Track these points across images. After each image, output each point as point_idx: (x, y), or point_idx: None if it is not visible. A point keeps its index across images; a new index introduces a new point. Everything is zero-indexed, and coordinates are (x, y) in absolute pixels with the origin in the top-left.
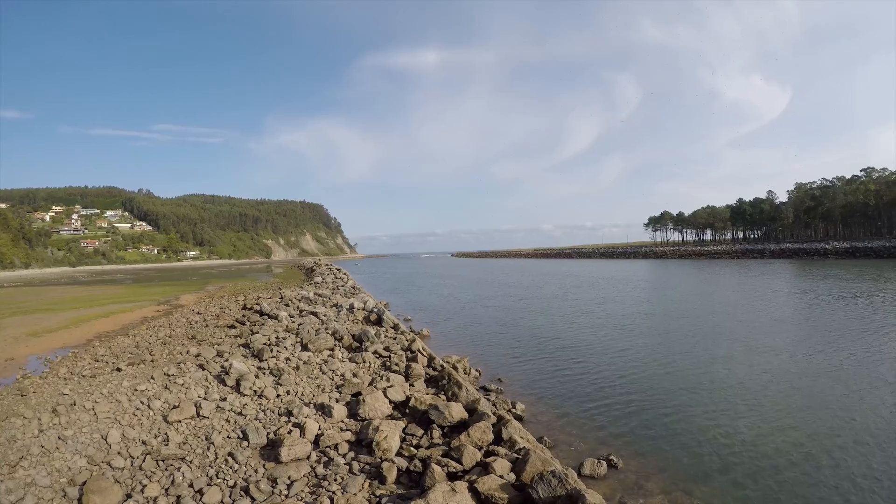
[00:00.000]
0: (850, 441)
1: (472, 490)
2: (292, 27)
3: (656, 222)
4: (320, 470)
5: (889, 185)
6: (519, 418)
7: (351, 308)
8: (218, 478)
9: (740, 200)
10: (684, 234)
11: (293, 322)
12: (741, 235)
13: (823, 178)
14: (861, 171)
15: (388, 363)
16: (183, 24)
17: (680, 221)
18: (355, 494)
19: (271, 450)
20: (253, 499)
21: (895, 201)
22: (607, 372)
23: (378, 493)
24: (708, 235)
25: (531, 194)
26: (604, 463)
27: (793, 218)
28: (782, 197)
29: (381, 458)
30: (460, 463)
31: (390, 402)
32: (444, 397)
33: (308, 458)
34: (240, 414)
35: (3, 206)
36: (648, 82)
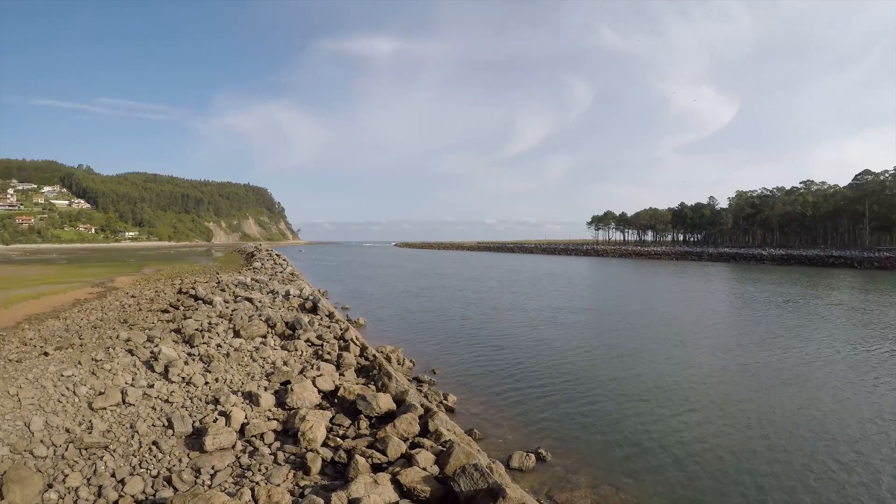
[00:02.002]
0: (775, 438)
1: (395, 482)
2: (246, 5)
3: (599, 221)
4: (245, 460)
5: (826, 197)
6: (450, 410)
7: (287, 295)
8: (141, 467)
9: (682, 204)
10: (626, 234)
11: (227, 308)
12: (681, 238)
13: (764, 188)
14: (800, 183)
15: (321, 352)
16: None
17: (622, 222)
18: (278, 485)
19: (196, 438)
20: (175, 489)
21: (831, 213)
22: (541, 366)
23: (302, 483)
24: (649, 236)
25: (476, 188)
26: (532, 456)
27: (732, 223)
28: (723, 203)
29: (306, 449)
30: (385, 454)
31: (319, 391)
32: (373, 388)
33: (233, 447)
34: (166, 401)
35: None
36: (600, 85)
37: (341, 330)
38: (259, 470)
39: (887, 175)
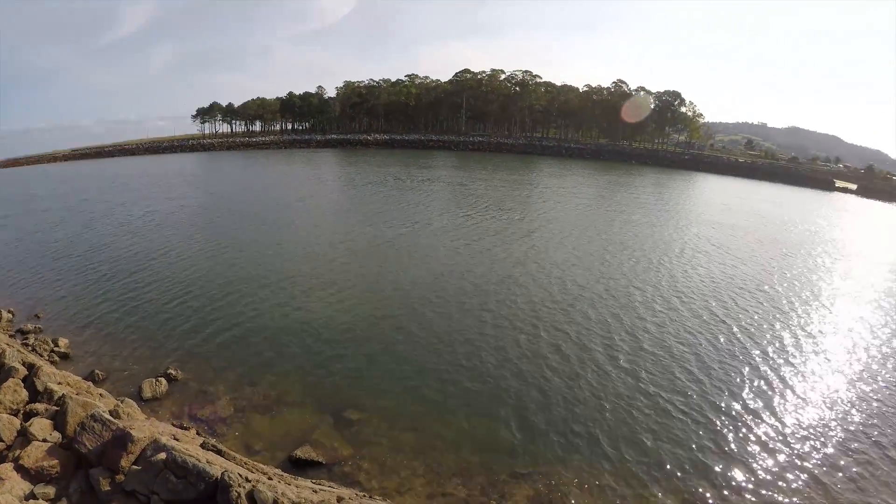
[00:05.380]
0: (371, 307)
1: (21, 469)
2: None
3: (205, 114)
4: None
5: (428, 90)
6: (64, 357)
7: None
8: None
9: (290, 94)
10: (234, 126)
11: None
12: (290, 127)
13: (371, 79)
14: (405, 76)
15: None
16: None
17: (229, 113)
18: None
19: None
20: None
21: (432, 104)
22: (152, 277)
23: None
24: (257, 127)
25: (69, 86)
26: (163, 380)
27: (339, 112)
28: (331, 93)
29: None
30: (1, 440)
31: None
32: None
33: None
34: None
35: None
36: None
37: None
38: None
39: (484, 75)
